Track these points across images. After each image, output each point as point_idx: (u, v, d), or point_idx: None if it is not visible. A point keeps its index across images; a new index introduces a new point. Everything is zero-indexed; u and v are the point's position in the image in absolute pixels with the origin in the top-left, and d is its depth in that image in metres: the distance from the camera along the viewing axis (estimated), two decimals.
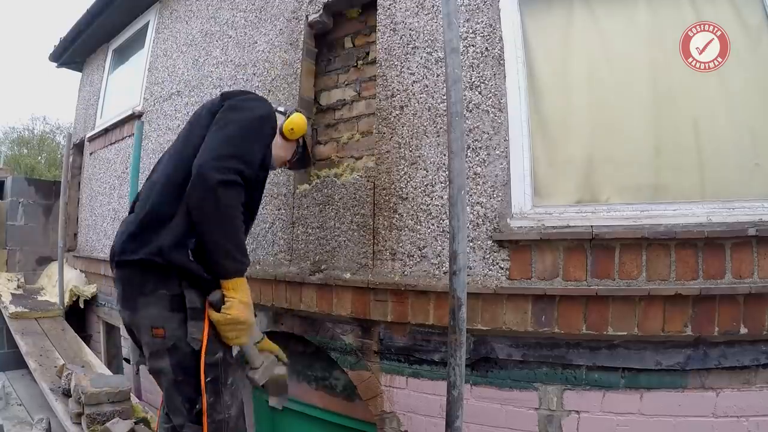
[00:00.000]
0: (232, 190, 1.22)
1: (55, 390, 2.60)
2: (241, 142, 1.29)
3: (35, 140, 18.70)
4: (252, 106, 1.41)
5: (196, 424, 1.23)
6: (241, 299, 1.23)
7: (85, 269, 4.24)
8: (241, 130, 1.32)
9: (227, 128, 1.31)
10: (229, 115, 1.36)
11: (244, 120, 1.34)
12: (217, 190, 1.18)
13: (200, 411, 1.22)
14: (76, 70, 5.14)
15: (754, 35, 1.61)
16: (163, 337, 1.22)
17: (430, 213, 1.83)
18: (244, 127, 1.33)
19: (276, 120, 1.49)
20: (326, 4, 2.25)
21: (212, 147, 1.26)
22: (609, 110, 1.73)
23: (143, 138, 3.07)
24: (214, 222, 1.21)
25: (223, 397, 1.27)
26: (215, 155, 1.23)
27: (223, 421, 1.26)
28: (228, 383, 1.30)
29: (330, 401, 2.14)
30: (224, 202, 1.20)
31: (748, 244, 1.46)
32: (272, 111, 1.47)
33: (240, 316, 1.22)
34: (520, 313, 1.62)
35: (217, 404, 1.25)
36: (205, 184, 1.19)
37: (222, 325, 1.22)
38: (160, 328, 1.22)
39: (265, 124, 1.42)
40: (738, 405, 1.45)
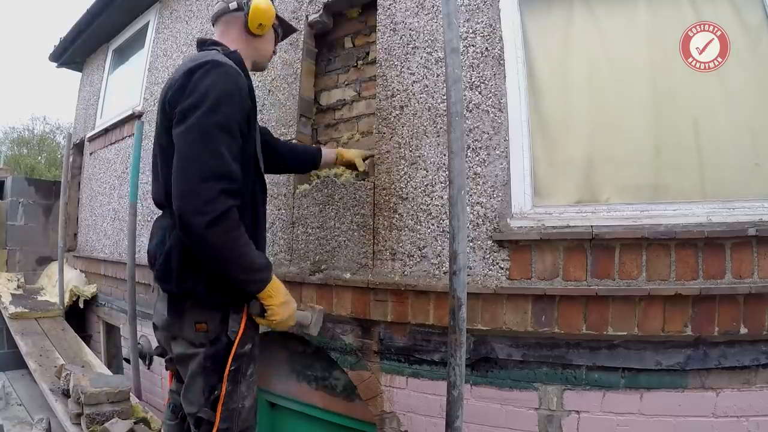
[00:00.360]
0: (223, 223, 1.14)
1: (55, 390, 2.60)
2: (205, 155, 1.14)
3: (35, 140, 18.71)
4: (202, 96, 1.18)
5: (211, 410, 1.25)
6: (278, 302, 1.26)
7: (85, 269, 4.24)
8: (201, 140, 1.15)
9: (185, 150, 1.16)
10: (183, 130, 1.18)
11: (199, 125, 1.16)
12: (205, 235, 1.12)
13: (217, 398, 1.25)
14: (76, 70, 5.14)
15: (754, 35, 1.61)
16: (206, 331, 1.26)
17: (430, 213, 1.83)
18: (203, 134, 1.16)
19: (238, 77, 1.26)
20: (326, 4, 2.25)
21: (181, 184, 1.14)
22: (609, 110, 1.73)
23: (143, 138, 3.06)
24: (219, 263, 1.18)
25: (240, 388, 1.30)
26: (187, 193, 1.13)
27: (235, 410, 1.28)
28: (248, 375, 1.32)
29: (330, 401, 2.14)
30: (218, 243, 1.14)
31: (748, 244, 1.46)
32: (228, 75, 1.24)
33: (283, 316, 1.28)
34: (520, 313, 1.62)
35: (234, 393, 1.28)
36: (192, 233, 1.13)
37: (271, 327, 1.30)
38: (203, 323, 1.26)
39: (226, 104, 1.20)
40: (738, 405, 1.45)
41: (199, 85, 1.20)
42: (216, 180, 1.14)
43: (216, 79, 1.21)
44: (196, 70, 1.22)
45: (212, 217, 1.12)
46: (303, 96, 2.30)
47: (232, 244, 1.17)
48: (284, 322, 1.30)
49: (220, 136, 1.18)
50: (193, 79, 1.22)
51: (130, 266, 2.82)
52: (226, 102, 1.20)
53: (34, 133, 18.86)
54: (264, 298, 1.25)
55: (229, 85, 1.23)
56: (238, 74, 1.29)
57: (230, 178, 1.18)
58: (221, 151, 1.17)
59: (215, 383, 1.25)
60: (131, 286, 2.83)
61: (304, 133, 2.32)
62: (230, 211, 1.16)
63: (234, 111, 1.22)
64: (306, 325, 1.46)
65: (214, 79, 1.21)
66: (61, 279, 4.07)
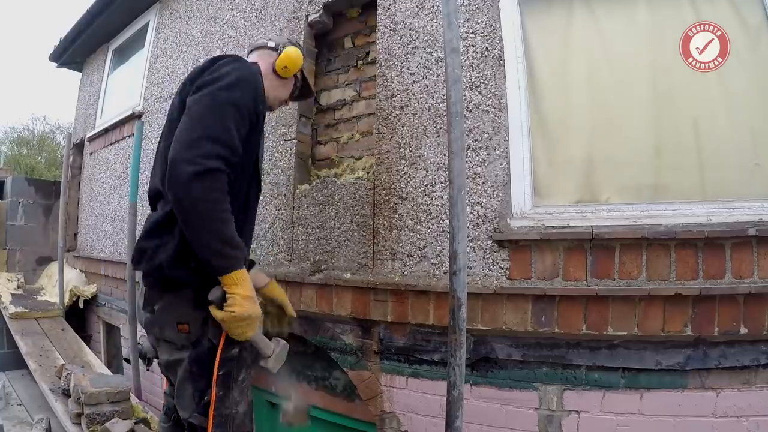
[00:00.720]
0: (210, 180, 1.11)
1: (55, 390, 2.60)
2: (213, 121, 1.16)
3: (35, 140, 18.70)
4: (222, 75, 1.24)
5: (202, 415, 1.24)
6: (243, 294, 1.16)
7: (85, 269, 4.24)
8: (212, 108, 1.18)
9: (195, 110, 1.19)
10: (197, 96, 1.22)
11: (214, 96, 1.20)
12: (190, 185, 1.09)
13: (208, 403, 1.22)
14: (76, 70, 5.15)
15: (754, 35, 1.61)
16: (188, 332, 1.22)
17: (430, 213, 1.83)
18: (216, 104, 1.19)
19: (258, 77, 1.33)
20: (326, 4, 2.25)
21: (181, 137, 1.15)
22: (609, 110, 1.73)
23: (143, 138, 3.07)
24: (195, 220, 1.12)
25: (233, 393, 1.27)
26: (185, 144, 1.13)
27: (229, 416, 1.26)
28: (239, 380, 1.30)
29: (330, 401, 2.14)
30: (201, 196, 1.10)
31: (748, 244, 1.46)
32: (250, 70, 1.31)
33: (244, 311, 1.16)
34: (520, 313, 1.62)
35: (226, 399, 1.25)
36: (178, 180, 1.11)
37: (227, 322, 1.17)
38: (185, 324, 1.22)
39: (243, 89, 1.25)
40: (738, 405, 1.45)
41: (221, 68, 1.27)
42: (216, 143, 1.15)
43: (237, 66, 1.29)
44: (220, 59, 1.32)
45: (201, 169, 1.10)
46: None
47: (213, 205, 1.12)
48: (243, 320, 1.17)
49: (231, 111, 1.20)
50: (216, 64, 1.30)
51: (130, 266, 2.82)
52: (243, 86, 1.25)
53: (34, 133, 18.87)
54: (228, 284, 1.15)
55: (248, 75, 1.29)
56: (259, 76, 1.35)
57: (231, 148, 1.17)
58: (228, 124, 1.19)
59: (204, 388, 1.23)
60: (131, 286, 2.83)
61: (304, 133, 2.32)
62: (220, 172, 1.14)
63: (248, 97, 1.26)
64: (266, 355, 1.32)
65: (236, 65, 1.29)
66: (61, 279, 4.07)
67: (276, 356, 1.34)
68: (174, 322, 1.23)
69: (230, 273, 1.16)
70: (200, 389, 1.23)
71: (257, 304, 1.22)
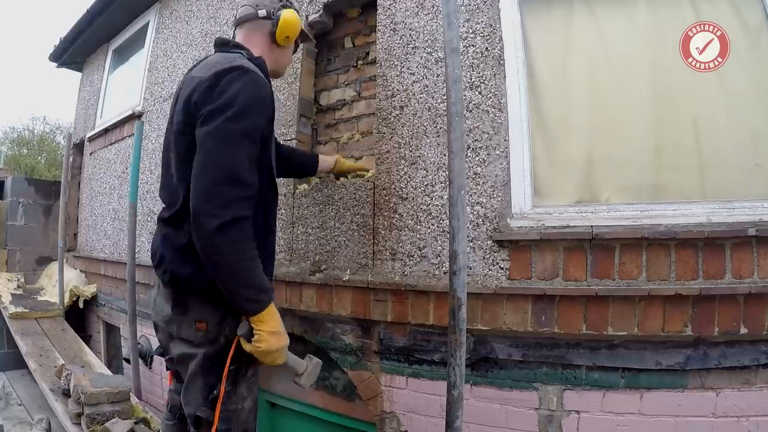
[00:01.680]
0: (234, 231, 1.13)
1: (55, 390, 2.60)
2: (227, 160, 1.16)
3: (35, 140, 18.71)
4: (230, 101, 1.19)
5: (210, 409, 1.25)
6: (269, 330, 1.20)
7: (85, 269, 4.24)
8: (224, 144, 1.17)
9: (207, 148, 1.17)
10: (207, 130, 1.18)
11: (224, 130, 1.17)
12: (214, 239, 1.12)
13: (216, 397, 1.24)
14: (76, 70, 5.15)
15: (754, 35, 1.61)
16: (206, 330, 1.24)
17: (430, 213, 1.83)
18: (228, 139, 1.17)
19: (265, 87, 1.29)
20: (326, 4, 2.25)
21: (198, 182, 1.15)
22: (609, 110, 1.73)
23: (143, 138, 3.07)
24: (221, 270, 1.16)
25: (240, 388, 1.29)
26: (204, 193, 1.14)
27: (235, 411, 1.28)
28: (248, 376, 1.31)
29: (330, 401, 2.14)
30: (226, 249, 1.13)
31: (748, 244, 1.46)
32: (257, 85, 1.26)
33: (271, 347, 1.20)
34: (520, 313, 1.62)
35: (233, 394, 1.27)
36: (202, 234, 1.13)
37: (256, 355, 1.21)
38: (203, 322, 1.25)
39: (253, 113, 1.22)
40: (738, 405, 1.45)
41: (228, 89, 1.21)
42: (233, 185, 1.15)
43: (244, 87, 1.22)
44: (225, 74, 1.23)
45: (224, 220, 1.12)
46: (303, 96, 2.30)
47: (239, 255, 1.15)
48: (270, 353, 1.21)
49: (244, 142, 1.19)
50: (221, 82, 1.22)
51: (130, 266, 2.82)
52: (253, 110, 1.22)
53: (34, 133, 18.88)
54: (255, 321, 1.19)
55: (256, 93, 1.24)
56: (265, 83, 1.31)
57: (247, 185, 1.18)
58: (242, 158, 1.18)
59: (214, 383, 1.25)
60: (131, 286, 2.84)
61: (304, 133, 2.32)
62: (243, 220, 1.16)
63: (258, 119, 1.24)
64: (299, 373, 1.37)
65: (243, 86, 1.22)
66: (61, 279, 4.07)
67: (308, 374, 1.38)
68: (192, 320, 1.26)
69: (257, 313, 1.19)
70: (210, 383, 1.25)
71: (283, 336, 1.24)
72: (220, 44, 1.46)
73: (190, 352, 1.27)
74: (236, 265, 1.15)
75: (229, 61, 1.27)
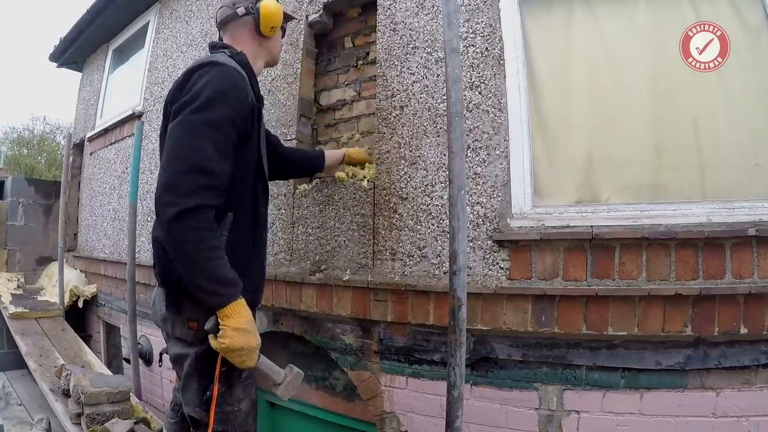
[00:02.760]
0: (192, 220, 1.10)
1: (55, 390, 2.60)
2: (189, 151, 1.14)
3: (35, 140, 18.70)
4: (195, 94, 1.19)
5: (204, 411, 1.25)
6: (234, 326, 1.14)
7: (85, 269, 4.24)
8: (186, 136, 1.16)
9: (171, 142, 1.17)
10: (173, 125, 1.19)
11: (187, 122, 1.17)
12: (172, 227, 1.10)
13: (209, 399, 1.23)
14: (76, 70, 5.14)
15: (754, 35, 1.61)
16: (197, 329, 1.24)
17: (430, 213, 1.83)
18: (190, 130, 1.16)
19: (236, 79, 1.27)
20: (326, 4, 2.25)
21: (161, 175, 1.15)
22: (609, 110, 1.73)
23: (143, 138, 3.07)
24: (182, 261, 1.13)
25: (235, 390, 1.28)
26: (164, 184, 1.13)
27: (231, 413, 1.27)
28: (242, 377, 1.30)
29: (330, 401, 2.14)
30: (184, 238, 1.10)
31: (748, 244, 1.45)
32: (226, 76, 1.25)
33: (234, 343, 1.14)
34: (520, 313, 1.62)
35: (228, 396, 1.26)
36: (161, 223, 1.12)
37: (221, 352, 1.17)
38: (194, 321, 1.24)
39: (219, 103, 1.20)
40: (738, 405, 1.45)
41: (196, 84, 1.22)
42: (195, 174, 1.13)
43: (211, 78, 1.22)
44: (195, 71, 1.25)
45: (182, 208, 1.09)
46: (303, 96, 2.30)
47: (198, 245, 1.11)
48: (235, 351, 1.15)
49: (209, 132, 1.17)
50: (191, 79, 1.24)
51: (130, 266, 2.82)
52: (220, 100, 1.20)
53: (34, 133, 18.87)
54: (221, 316, 1.15)
55: (225, 84, 1.23)
56: (238, 74, 1.29)
57: (212, 174, 1.16)
58: (206, 148, 1.16)
59: (207, 384, 1.24)
60: (131, 286, 2.84)
61: (304, 133, 2.32)
62: (204, 208, 1.13)
63: (227, 109, 1.21)
64: (276, 382, 1.31)
65: (210, 78, 1.22)
66: (61, 279, 4.07)
67: (287, 384, 1.32)
68: (185, 319, 1.26)
69: (222, 308, 1.15)
70: (204, 385, 1.25)
71: (251, 335, 1.18)
72: (211, 47, 1.49)
73: (184, 351, 1.28)
74: (195, 255, 1.12)
75: (203, 59, 1.30)
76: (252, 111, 1.33)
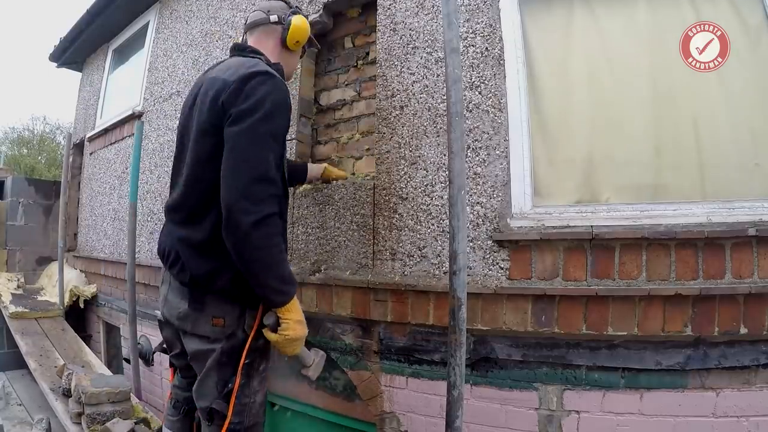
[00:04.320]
0: (267, 227, 1.18)
1: (55, 390, 2.60)
2: (258, 159, 1.21)
3: (35, 140, 18.72)
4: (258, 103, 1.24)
5: (225, 402, 1.28)
6: (296, 318, 1.26)
7: (85, 269, 4.24)
8: (254, 144, 1.21)
9: (239, 147, 1.22)
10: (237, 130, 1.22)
11: (254, 130, 1.22)
12: (250, 235, 1.16)
13: (230, 391, 1.28)
14: (76, 70, 5.14)
15: (754, 35, 1.61)
16: (223, 326, 1.28)
17: (430, 213, 1.83)
18: (258, 139, 1.22)
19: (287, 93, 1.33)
20: (326, 4, 2.25)
21: (229, 179, 1.20)
22: (609, 110, 1.73)
23: (143, 138, 3.07)
24: (256, 266, 1.20)
25: (253, 382, 1.32)
26: (237, 190, 1.18)
27: (247, 404, 1.31)
28: (260, 370, 1.34)
29: (330, 401, 2.14)
30: (261, 245, 1.18)
31: (748, 244, 1.46)
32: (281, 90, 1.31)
33: (297, 334, 1.26)
34: (520, 313, 1.62)
35: (246, 387, 1.30)
36: (237, 231, 1.17)
37: (280, 344, 1.26)
38: (220, 318, 1.28)
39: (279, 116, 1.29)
40: (738, 405, 1.45)
41: (256, 91, 1.26)
42: (266, 183, 1.21)
43: (272, 90, 1.27)
44: (252, 77, 1.27)
45: (259, 217, 1.16)
46: (303, 96, 2.30)
47: (272, 249, 1.20)
48: (293, 342, 1.27)
49: (271, 143, 1.24)
50: (249, 85, 1.26)
51: (130, 266, 2.82)
52: (279, 113, 1.28)
53: (34, 133, 18.87)
54: (283, 312, 1.25)
55: (281, 97, 1.30)
56: (287, 88, 1.36)
57: (276, 184, 1.24)
58: (270, 158, 1.23)
59: (229, 377, 1.28)
60: (131, 286, 2.83)
61: (304, 133, 2.32)
62: (274, 216, 1.20)
63: (283, 122, 1.31)
64: (307, 365, 1.43)
65: (270, 89, 1.27)
66: (61, 279, 4.07)
67: (316, 365, 1.43)
68: (210, 316, 1.29)
69: (285, 304, 1.24)
70: (225, 378, 1.28)
71: (305, 324, 1.30)
72: (239, 48, 1.50)
73: (206, 347, 1.29)
74: (269, 259, 1.20)
75: (253, 65, 1.32)
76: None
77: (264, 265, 1.20)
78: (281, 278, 1.23)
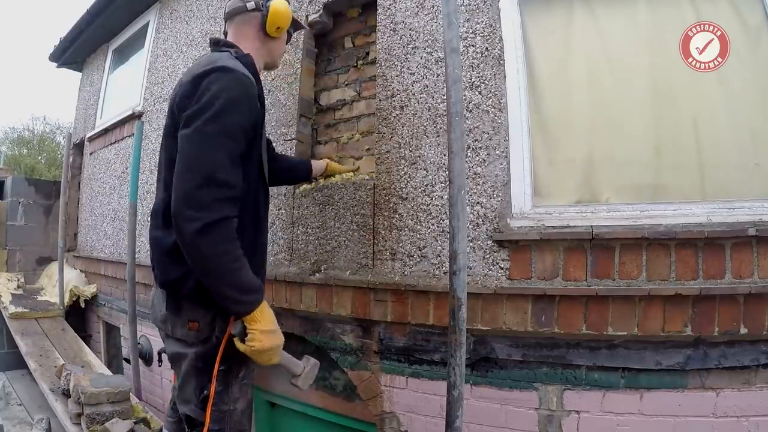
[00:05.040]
0: (215, 233, 1.11)
1: (55, 390, 2.60)
2: (206, 162, 1.14)
3: (35, 140, 18.73)
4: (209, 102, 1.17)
5: (201, 409, 1.25)
6: (262, 329, 1.19)
7: (85, 269, 4.24)
8: (203, 146, 1.15)
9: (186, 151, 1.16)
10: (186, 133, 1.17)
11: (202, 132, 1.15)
12: (196, 243, 1.11)
13: (206, 397, 1.24)
14: (76, 70, 5.14)
15: (754, 35, 1.61)
16: (197, 330, 1.25)
17: (430, 213, 1.83)
18: (207, 140, 1.15)
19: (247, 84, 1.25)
20: (326, 4, 2.25)
21: (178, 185, 1.14)
22: (609, 110, 1.73)
23: (143, 138, 3.07)
24: (208, 274, 1.14)
25: (232, 389, 1.29)
26: (183, 197, 1.12)
27: (227, 412, 1.28)
28: (239, 377, 1.31)
29: (330, 401, 2.14)
30: (209, 252, 1.11)
31: (748, 244, 1.45)
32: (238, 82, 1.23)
33: (264, 345, 1.19)
34: (520, 313, 1.62)
35: (224, 395, 1.27)
36: (184, 239, 1.12)
37: (250, 355, 1.21)
38: (195, 322, 1.25)
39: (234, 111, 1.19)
40: (738, 405, 1.45)
41: (207, 91, 1.20)
42: (213, 187, 1.13)
43: (224, 85, 1.20)
44: (205, 76, 1.22)
45: (203, 223, 1.10)
46: (303, 96, 2.30)
47: (223, 257, 1.13)
48: (264, 352, 1.20)
49: (224, 141, 1.17)
50: (201, 85, 1.21)
51: (130, 266, 2.82)
52: (232, 109, 1.19)
53: (34, 133, 18.89)
54: (248, 321, 1.19)
55: (237, 92, 1.22)
56: (249, 81, 1.28)
57: (228, 186, 1.16)
58: (222, 159, 1.16)
59: (205, 383, 1.25)
60: (131, 286, 2.84)
61: (304, 133, 2.32)
62: (225, 220, 1.14)
63: (240, 118, 1.21)
64: (296, 374, 1.36)
65: (222, 85, 1.20)
66: (61, 279, 4.07)
67: (305, 375, 1.38)
68: (186, 320, 1.26)
69: (248, 314, 1.19)
70: (201, 384, 1.25)
71: (277, 334, 1.24)
72: (213, 43, 1.47)
73: (183, 351, 1.28)
74: (220, 268, 1.13)
75: (212, 62, 1.26)
76: (259, 117, 1.33)
77: (217, 273, 1.13)
78: (238, 287, 1.16)
